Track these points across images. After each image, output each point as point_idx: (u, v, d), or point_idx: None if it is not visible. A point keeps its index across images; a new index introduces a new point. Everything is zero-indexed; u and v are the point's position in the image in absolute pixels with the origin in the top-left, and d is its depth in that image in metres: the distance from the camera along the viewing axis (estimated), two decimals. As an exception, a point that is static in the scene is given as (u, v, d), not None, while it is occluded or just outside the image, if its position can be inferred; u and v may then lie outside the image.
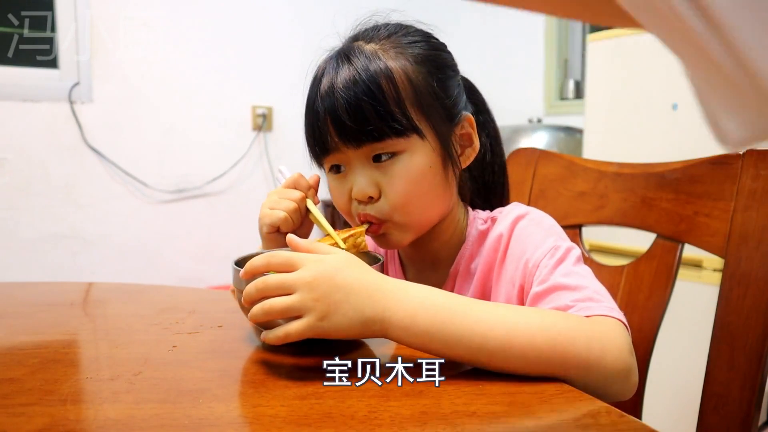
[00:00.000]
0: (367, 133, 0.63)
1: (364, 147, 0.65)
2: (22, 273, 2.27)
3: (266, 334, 0.53)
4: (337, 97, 0.64)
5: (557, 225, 0.69)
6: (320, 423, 0.43)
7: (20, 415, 0.45)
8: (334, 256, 0.55)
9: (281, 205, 0.73)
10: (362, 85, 0.63)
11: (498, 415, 0.45)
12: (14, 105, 2.25)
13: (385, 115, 0.63)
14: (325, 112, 0.65)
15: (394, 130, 0.63)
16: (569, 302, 0.57)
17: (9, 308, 0.81)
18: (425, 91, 0.66)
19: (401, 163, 0.65)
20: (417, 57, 0.66)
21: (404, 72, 0.65)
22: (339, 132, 0.64)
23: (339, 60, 0.66)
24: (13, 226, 2.27)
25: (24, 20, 2.23)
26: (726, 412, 0.69)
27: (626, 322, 0.56)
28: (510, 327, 0.51)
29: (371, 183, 0.66)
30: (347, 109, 0.63)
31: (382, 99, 0.63)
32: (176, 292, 0.87)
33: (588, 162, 0.91)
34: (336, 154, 0.67)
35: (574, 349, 0.51)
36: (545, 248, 0.63)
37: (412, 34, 0.69)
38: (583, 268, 0.63)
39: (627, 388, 0.53)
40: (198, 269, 2.60)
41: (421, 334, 0.52)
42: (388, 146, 0.65)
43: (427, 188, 0.67)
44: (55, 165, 2.32)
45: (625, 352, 0.53)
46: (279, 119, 2.77)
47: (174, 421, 0.44)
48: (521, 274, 0.64)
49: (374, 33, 0.69)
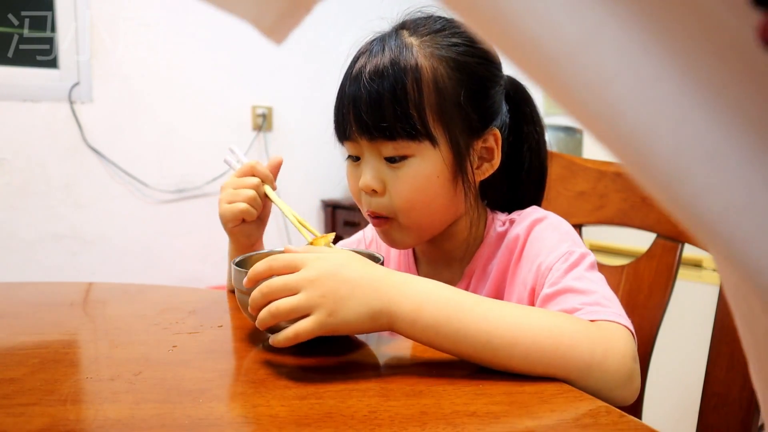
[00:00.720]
0: (380, 128, 0.63)
1: (376, 142, 0.65)
2: (22, 273, 2.26)
3: (275, 337, 0.53)
4: (362, 85, 0.64)
5: (574, 231, 0.68)
6: (320, 423, 0.43)
7: (20, 415, 0.45)
8: (335, 253, 0.56)
9: (239, 196, 0.72)
10: (388, 80, 0.63)
11: (498, 415, 0.45)
12: (14, 105, 2.25)
13: (401, 116, 0.62)
14: (349, 98, 0.65)
15: (407, 133, 0.63)
16: (577, 305, 0.57)
17: (9, 308, 0.81)
18: (450, 100, 0.64)
19: (409, 166, 0.65)
20: (455, 62, 0.65)
21: (434, 75, 0.64)
22: (356, 121, 0.65)
23: (377, 45, 0.66)
24: (13, 226, 2.27)
25: (24, 20, 2.22)
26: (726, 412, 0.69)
27: (633, 330, 0.56)
28: (515, 325, 0.52)
29: (377, 178, 0.66)
30: (368, 101, 0.63)
31: (403, 99, 0.62)
32: (176, 292, 0.87)
33: (588, 162, 0.91)
34: (353, 143, 0.67)
35: (577, 350, 0.51)
36: (559, 252, 0.63)
37: (458, 36, 0.66)
38: (595, 274, 0.62)
39: (628, 393, 0.53)
40: (198, 269, 2.60)
41: (427, 328, 0.52)
42: (399, 147, 0.64)
43: (431, 197, 0.66)
44: (55, 165, 2.32)
45: (628, 357, 0.53)
46: (279, 119, 2.77)
47: (174, 421, 0.44)
48: (533, 277, 0.64)
49: (422, 25, 0.67)
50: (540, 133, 0.76)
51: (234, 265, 0.62)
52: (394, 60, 0.63)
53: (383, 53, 0.64)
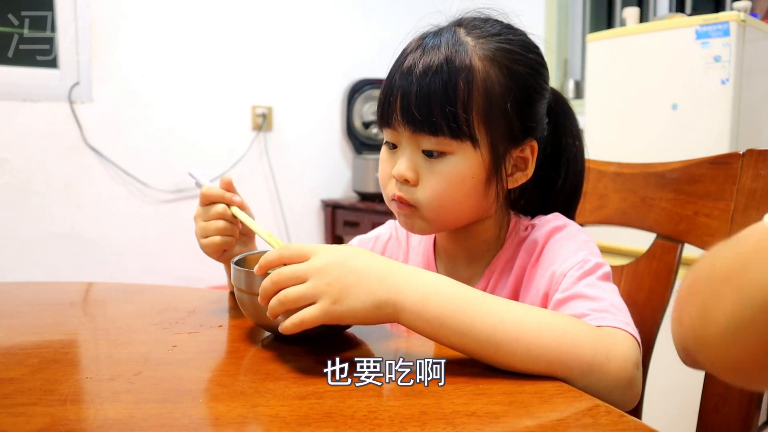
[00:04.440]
0: (425, 123, 0.64)
1: (418, 134, 0.65)
2: (22, 273, 2.27)
3: (283, 324, 0.53)
4: (413, 79, 0.64)
5: (592, 241, 0.69)
6: (320, 423, 0.43)
7: (20, 415, 0.45)
8: (344, 246, 0.56)
9: (210, 229, 0.74)
10: (440, 77, 0.63)
11: (498, 415, 0.45)
12: (14, 105, 2.25)
13: (448, 114, 0.63)
14: (397, 89, 0.66)
15: (451, 131, 0.63)
16: (586, 311, 0.57)
17: (9, 308, 0.81)
18: (497, 106, 0.65)
19: (446, 163, 0.65)
20: (507, 69, 0.65)
21: (486, 79, 0.64)
22: (403, 112, 0.65)
23: (432, 39, 0.66)
24: (13, 226, 2.27)
25: (24, 20, 2.23)
26: (726, 412, 0.69)
27: (639, 340, 0.56)
28: (519, 321, 0.52)
29: (412, 168, 0.66)
30: (417, 94, 0.64)
31: (453, 98, 0.63)
32: (176, 292, 0.87)
33: (588, 162, 0.90)
34: (394, 131, 0.68)
35: (580, 350, 0.51)
36: (574, 260, 0.64)
37: (513, 44, 0.67)
38: (608, 284, 0.63)
39: (627, 398, 0.53)
40: (198, 269, 2.60)
41: (432, 320, 0.52)
42: (441, 143, 0.65)
43: (463, 196, 0.66)
44: (55, 165, 2.32)
45: (630, 363, 0.53)
46: (279, 119, 2.77)
47: (174, 421, 0.44)
48: (547, 282, 0.65)
49: (479, 26, 0.68)
50: (579, 148, 0.77)
51: (234, 264, 0.62)
52: (449, 57, 0.64)
53: (439, 49, 0.65)
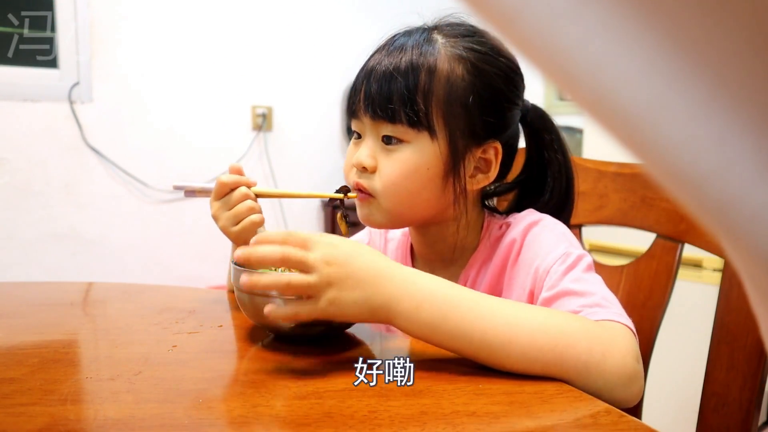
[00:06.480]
0: (384, 108, 0.65)
1: (378, 121, 0.66)
2: (22, 273, 2.26)
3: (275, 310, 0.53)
4: (379, 68, 0.66)
5: (570, 232, 0.69)
6: (320, 423, 0.43)
7: (20, 415, 0.45)
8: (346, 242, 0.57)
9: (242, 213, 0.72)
10: (403, 66, 0.65)
11: (498, 415, 0.45)
12: (14, 105, 2.24)
13: (407, 100, 0.64)
14: (363, 78, 0.67)
15: (409, 118, 0.64)
16: (576, 308, 0.57)
17: (9, 308, 0.81)
18: (458, 100, 0.65)
19: (403, 152, 0.66)
20: (473, 66, 0.66)
21: (450, 72, 0.65)
22: (365, 96, 0.66)
23: (403, 37, 0.68)
24: (13, 226, 2.27)
25: (24, 20, 2.22)
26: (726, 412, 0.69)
27: (634, 329, 0.56)
28: (513, 324, 0.52)
29: (371, 156, 0.67)
30: (379, 81, 0.65)
31: (413, 87, 0.64)
32: (176, 292, 0.87)
33: (588, 162, 0.91)
34: (358, 121, 0.69)
35: (575, 349, 0.51)
36: (556, 254, 0.64)
37: (484, 45, 0.68)
38: (593, 275, 0.63)
39: (630, 394, 0.52)
40: (198, 269, 2.60)
41: (424, 325, 0.52)
42: (398, 130, 0.65)
43: (418, 187, 0.67)
44: (55, 165, 2.32)
45: (629, 357, 0.52)
46: (279, 119, 2.77)
47: (174, 421, 0.44)
48: (532, 280, 0.65)
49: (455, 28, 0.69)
50: (563, 162, 0.75)
51: (233, 263, 0.62)
52: (416, 49, 0.66)
53: (408, 43, 0.67)
